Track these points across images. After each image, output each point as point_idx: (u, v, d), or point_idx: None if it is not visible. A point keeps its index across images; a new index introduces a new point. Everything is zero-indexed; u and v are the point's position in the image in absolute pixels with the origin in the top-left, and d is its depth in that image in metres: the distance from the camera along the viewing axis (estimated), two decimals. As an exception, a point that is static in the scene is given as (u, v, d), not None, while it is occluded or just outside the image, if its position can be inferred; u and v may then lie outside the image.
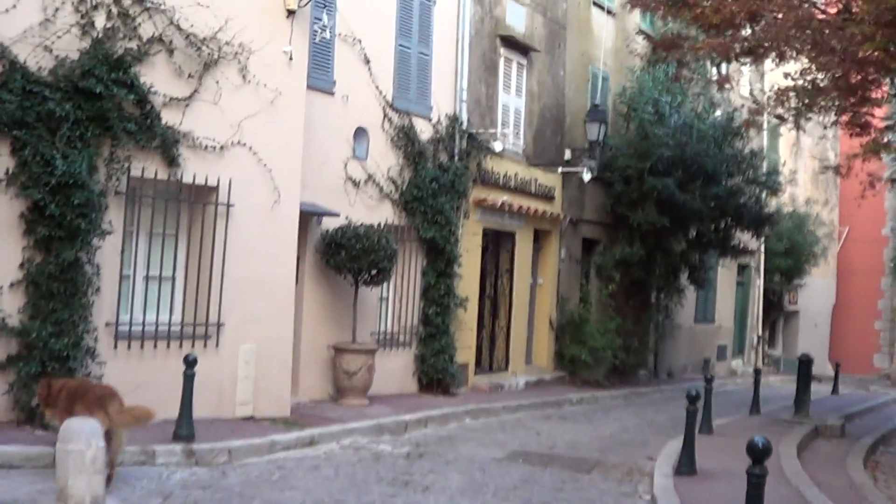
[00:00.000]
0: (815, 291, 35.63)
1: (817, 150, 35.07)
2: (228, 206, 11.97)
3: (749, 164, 22.20)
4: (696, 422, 10.84)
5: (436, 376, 16.56)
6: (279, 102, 12.47)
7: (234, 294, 12.05)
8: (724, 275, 28.81)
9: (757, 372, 18.98)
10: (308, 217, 14.11)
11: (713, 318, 29.16)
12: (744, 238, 23.84)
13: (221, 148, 11.90)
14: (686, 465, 10.56)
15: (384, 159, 15.74)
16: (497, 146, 18.02)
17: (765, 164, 23.39)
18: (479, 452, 11.91)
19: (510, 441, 13.16)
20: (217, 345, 11.92)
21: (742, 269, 30.65)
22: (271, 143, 12.42)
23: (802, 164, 34.34)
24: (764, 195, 22.89)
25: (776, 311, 34.40)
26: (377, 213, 15.51)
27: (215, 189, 11.90)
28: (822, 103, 15.36)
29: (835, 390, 25.20)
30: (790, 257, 32.10)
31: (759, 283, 31.77)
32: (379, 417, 13.32)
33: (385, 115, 15.74)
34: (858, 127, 15.87)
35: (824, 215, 35.30)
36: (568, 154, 20.95)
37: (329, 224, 14.49)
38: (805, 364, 17.30)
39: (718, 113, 22.81)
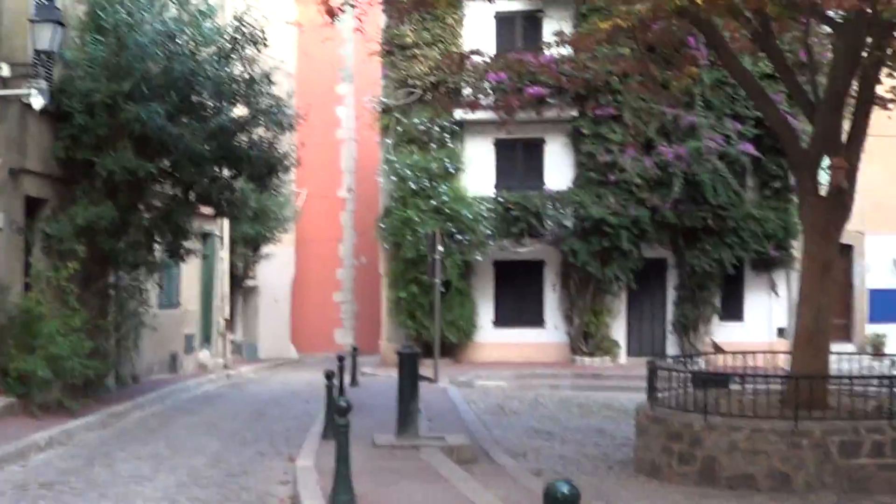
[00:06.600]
0: (274, 263, 31.76)
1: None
2: None
3: (257, 91, 17.23)
4: None
5: None
6: None
7: None
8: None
9: (329, 377, 13.98)
10: None
11: (178, 302, 23.89)
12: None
13: None
14: None
15: None
16: None
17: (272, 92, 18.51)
18: None
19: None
20: None
21: (205, 237, 25.61)
22: None
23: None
24: (273, 134, 18.05)
25: (236, 289, 29.89)
26: None
27: None
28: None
29: (354, 381, 21.27)
30: (257, 223, 27.82)
31: (223, 256, 26.95)
32: None
33: None
34: None
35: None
36: (6, 70, 14.44)
37: None
38: (409, 359, 12.65)
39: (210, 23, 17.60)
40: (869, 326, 26.78)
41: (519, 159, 27.15)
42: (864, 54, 11.91)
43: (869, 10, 10.78)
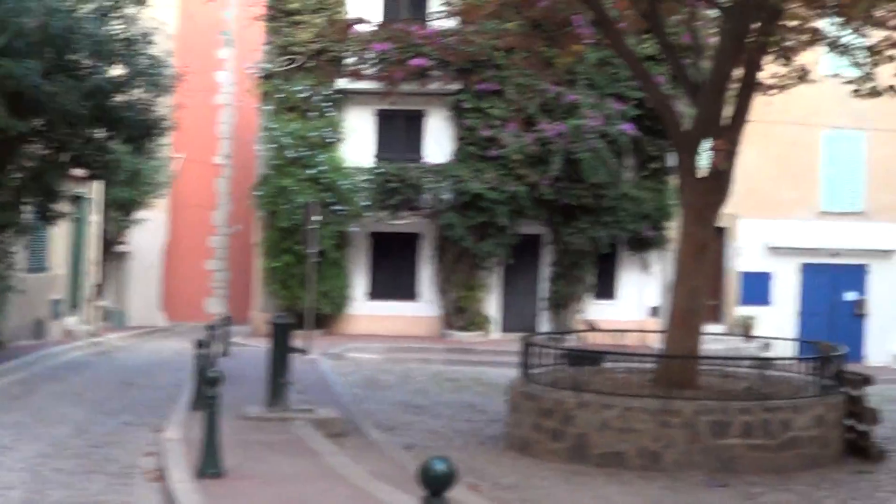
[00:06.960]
0: (147, 229, 31.04)
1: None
2: None
3: (136, 51, 16.76)
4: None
5: None
6: None
7: None
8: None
9: (200, 346, 13.64)
10: None
11: (46, 266, 23.15)
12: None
13: None
14: None
15: None
16: None
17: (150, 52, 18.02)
18: None
19: None
20: None
21: (76, 200, 24.82)
22: None
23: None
24: (150, 96, 17.59)
25: (107, 254, 29.12)
26: None
27: None
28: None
29: (225, 351, 20.84)
30: (131, 187, 27.11)
31: (95, 220, 26.18)
32: None
33: None
34: None
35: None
36: None
37: None
38: (281, 330, 12.40)
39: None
40: (739, 308, 27.46)
41: (399, 131, 26.91)
42: (750, 39, 12.08)
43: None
